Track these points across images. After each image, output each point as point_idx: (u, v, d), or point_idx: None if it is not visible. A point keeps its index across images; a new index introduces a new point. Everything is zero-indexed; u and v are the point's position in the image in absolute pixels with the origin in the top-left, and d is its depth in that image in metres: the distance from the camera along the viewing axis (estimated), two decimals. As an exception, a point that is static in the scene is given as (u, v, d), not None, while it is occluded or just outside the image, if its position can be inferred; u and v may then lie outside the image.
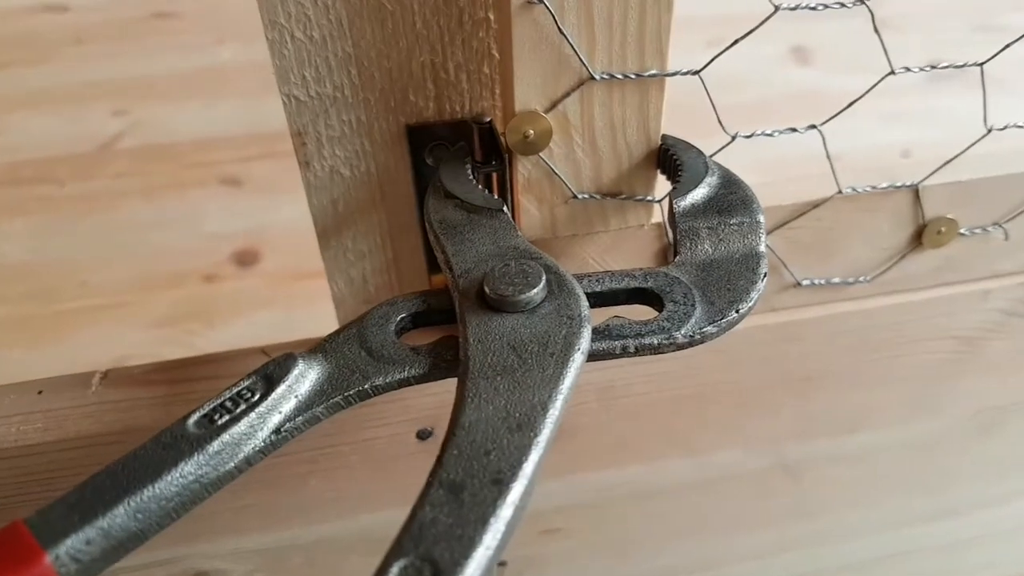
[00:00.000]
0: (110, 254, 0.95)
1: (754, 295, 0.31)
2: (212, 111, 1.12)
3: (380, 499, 0.46)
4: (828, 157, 0.38)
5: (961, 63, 0.36)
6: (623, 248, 0.40)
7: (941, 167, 0.39)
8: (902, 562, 0.60)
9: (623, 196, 0.38)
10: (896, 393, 0.48)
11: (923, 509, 0.56)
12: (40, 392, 0.41)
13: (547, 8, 0.31)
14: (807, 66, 1.19)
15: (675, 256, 0.33)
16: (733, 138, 0.37)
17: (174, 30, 1.26)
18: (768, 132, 0.37)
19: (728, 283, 0.32)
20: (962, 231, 0.42)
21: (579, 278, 0.32)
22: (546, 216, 0.38)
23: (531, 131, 0.35)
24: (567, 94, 0.34)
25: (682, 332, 0.30)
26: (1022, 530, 0.61)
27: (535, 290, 0.30)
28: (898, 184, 0.39)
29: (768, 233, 0.40)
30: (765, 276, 0.32)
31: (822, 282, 0.42)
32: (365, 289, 0.43)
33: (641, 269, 0.33)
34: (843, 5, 0.33)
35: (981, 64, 0.37)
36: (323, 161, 0.38)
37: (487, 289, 0.30)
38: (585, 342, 0.29)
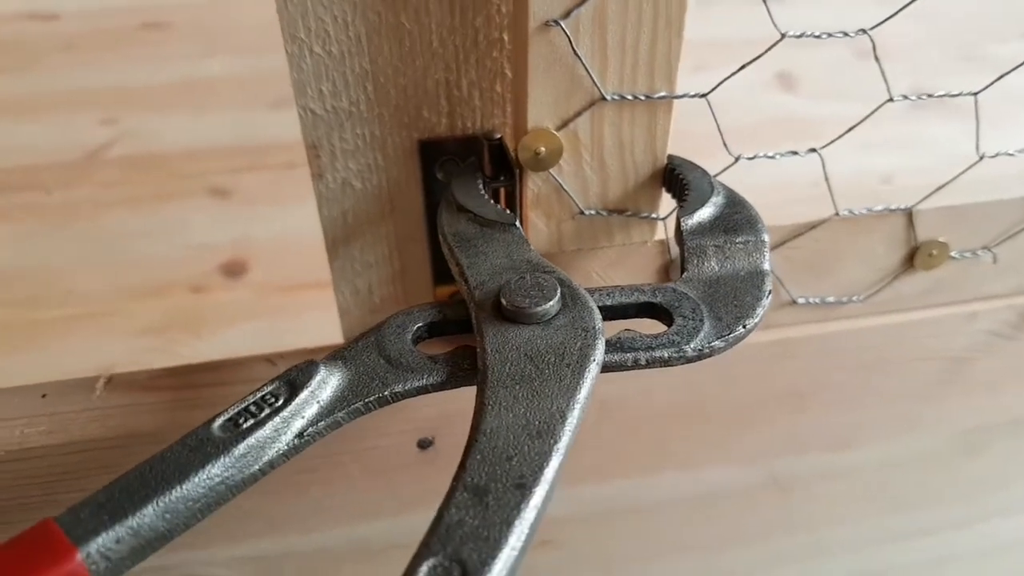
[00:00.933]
0: (96, 263, 0.95)
1: (760, 311, 0.32)
2: (201, 122, 1.12)
3: (379, 508, 0.47)
4: (826, 179, 0.39)
5: (956, 92, 0.38)
6: (626, 264, 0.41)
7: (934, 192, 0.41)
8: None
9: (628, 213, 0.39)
10: (886, 411, 0.49)
11: (911, 525, 0.58)
12: (44, 396, 0.41)
13: (563, 30, 0.32)
14: (791, 92, 1.21)
15: (683, 273, 0.34)
16: (736, 159, 0.38)
17: (164, 41, 1.26)
18: (770, 155, 0.38)
19: (735, 299, 0.33)
20: (952, 254, 0.43)
21: (590, 292, 0.33)
22: (553, 231, 0.39)
23: (542, 148, 0.36)
24: (578, 113, 0.35)
25: (691, 346, 0.31)
26: (1007, 548, 0.62)
27: (551, 303, 0.31)
28: (892, 207, 0.41)
29: (767, 252, 0.41)
30: (770, 293, 0.33)
31: (817, 301, 0.43)
32: (371, 299, 0.43)
33: (650, 284, 0.34)
34: (846, 34, 0.35)
35: (975, 94, 0.38)
36: (336, 173, 0.38)
37: (504, 301, 0.31)
38: (600, 353, 0.30)
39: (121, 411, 0.41)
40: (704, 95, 0.36)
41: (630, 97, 0.35)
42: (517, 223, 0.36)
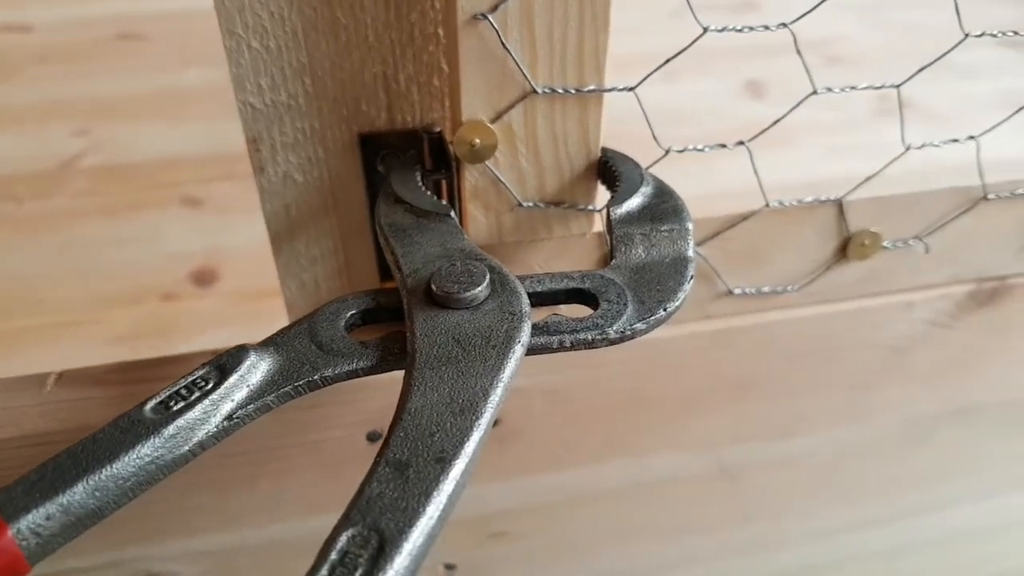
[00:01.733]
0: (68, 272, 0.95)
1: (681, 295, 0.33)
2: (174, 132, 1.13)
3: (330, 501, 0.47)
4: (755, 172, 0.40)
5: (879, 84, 0.39)
6: (567, 255, 0.42)
7: (863, 182, 0.42)
8: (837, 570, 0.62)
9: (566, 205, 0.40)
10: (827, 400, 0.50)
11: (857, 516, 0.58)
12: (-4, 392, 0.42)
13: (491, 24, 0.33)
14: (761, 100, 1.22)
15: (611, 260, 0.35)
16: (666, 152, 0.39)
17: (139, 52, 1.26)
18: (699, 147, 0.39)
19: (658, 284, 0.34)
20: (885, 244, 0.44)
21: (522, 279, 0.34)
22: (492, 223, 0.40)
23: (477, 140, 0.37)
24: (511, 106, 0.36)
25: (614, 328, 0.32)
26: (954, 538, 0.63)
27: (479, 288, 0.32)
28: (822, 198, 0.42)
29: (702, 243, 0.42)
30: (691, 278, 0.34)
31: (753, 291, 0.44)
32: (317, 294, 0.44)
33: (579, 271, 0.35)
34: (767, 28, 0.36)
35: (898, 86, 0.39)
36: (276, 167, 0.39)
37: (434, 287, 0.32)
38: (525, 336, 0.31)
39: (72, 405, 0.42)
40: (632, 88, 0.37)
41: (560, 90, 0.36)
42: (452, 214, 0.37)
